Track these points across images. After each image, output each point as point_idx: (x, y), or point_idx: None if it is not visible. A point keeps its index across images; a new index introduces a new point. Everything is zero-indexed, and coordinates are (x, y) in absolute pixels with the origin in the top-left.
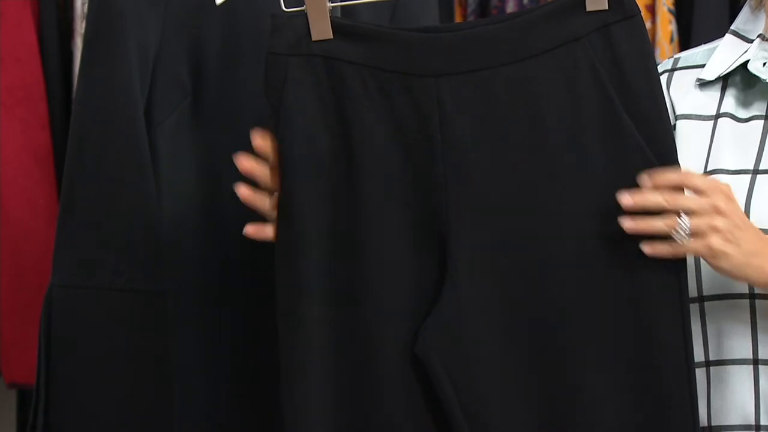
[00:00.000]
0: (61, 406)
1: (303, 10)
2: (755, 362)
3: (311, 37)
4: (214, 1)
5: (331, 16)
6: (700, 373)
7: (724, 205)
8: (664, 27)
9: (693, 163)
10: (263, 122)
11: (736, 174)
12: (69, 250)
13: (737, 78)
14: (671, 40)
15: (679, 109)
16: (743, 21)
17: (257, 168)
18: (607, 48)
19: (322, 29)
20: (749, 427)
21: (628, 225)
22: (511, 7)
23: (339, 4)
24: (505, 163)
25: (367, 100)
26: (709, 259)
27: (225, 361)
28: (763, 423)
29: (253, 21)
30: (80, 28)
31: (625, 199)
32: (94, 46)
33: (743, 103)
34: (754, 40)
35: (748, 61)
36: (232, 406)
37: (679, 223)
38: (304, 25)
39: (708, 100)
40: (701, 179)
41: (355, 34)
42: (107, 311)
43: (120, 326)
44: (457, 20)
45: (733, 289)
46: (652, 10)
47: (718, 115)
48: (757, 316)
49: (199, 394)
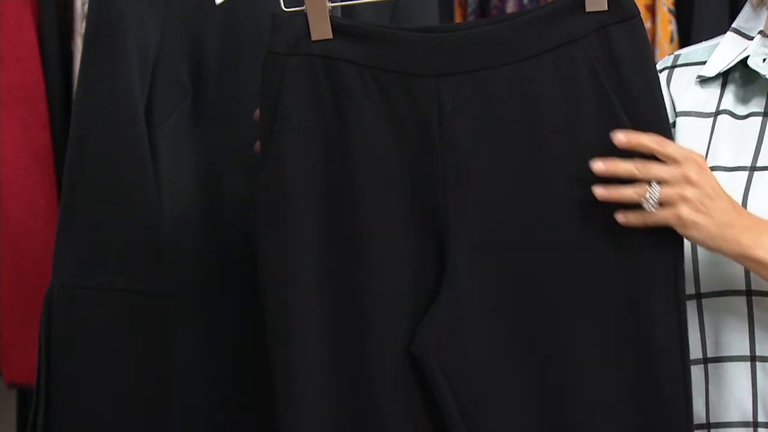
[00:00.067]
0: (62, 406)
1: (303, 10)
2: (752, 359)
3: (311, 37)
4: (214, 1)
5: (330, 16)
6: (698, 370)
7: (695, 175)
8: (664, 27)
9: None
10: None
11: (734, 171)
12: (69, 250)
13: (737, 74)
14: (671, 40)
15: (679, 106)
16: (744, 19)
17: None
18: (606, 49)
19: (321, 29)
20: (747, 423)
21: (599, 192)
22: (511, 7)
23: (339, 4)
24: (504, 163)
25: (367, 100)
26: (680, 229)
27: (225, 361)
28: (761, 420)
29: (253, 21)
30: (80, 28)
31: (597, 165)
32: (94, 46)
33: (742, 100)
34: (755, 36)
35: (748, 57)
36: (232, 406)
37: (649, 192)
38: (303, 24)
39: (708, 97)
40: (675, 148)
41: (354, 34)
42: (107, 311)
43: (120, 326)
44: (457, 20)
45: (730, 285)
46: (652, 10)
47: (717, 112)
48: (754, 312)
49: (199, 394)
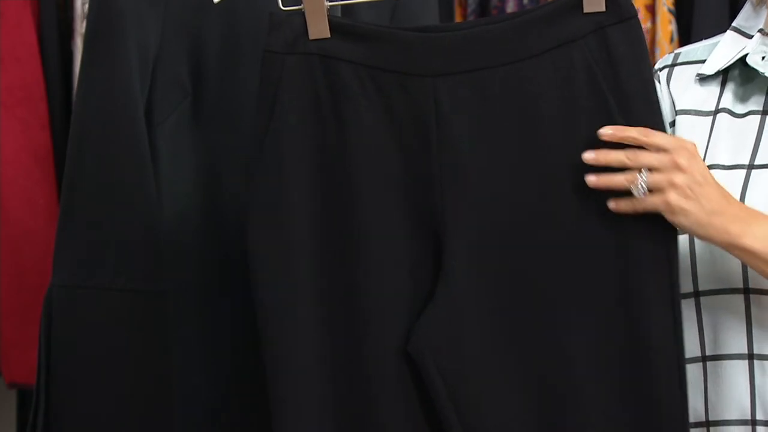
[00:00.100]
0: (62, 406)
1: (300, 9)
2: (750, 357)
3: (308, 36)
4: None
5: (329, 15)
6: (697, 368)
7: (685, 162)
8: (664, 27)
9: None
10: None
11: (732, 169)
12: (69, 250)
13: (736, 73)
14: (671, 40)
15: (679, 104)
16: (744, 18)
17: None
18: (603, 50)
19: (319, 28)
20: (746, 421)
21: (591, 180)
22: (511, 7)
23: (337, 3)
24: (501, 163)
25: (364, 99)
26: (668, 215)
27: (225, 361)
28: (759, 417)
29: (253, 21)
30: (80, 28)
31: (588, 154)
32: (94, 46)
33: (741, 98)
34: (754, 35)
35: (747, 54)
36: (232, 406)
37: (638, 178)
38: (301, 23)
39: (707, 96)
40: (663, 138)
41: (353, 34)
42: (107, 311)
43: (120, 326)
44: (457, 20)
45: (727, 283)
46: (652, 10)
47: (716, 111)
48: (751, 311)
49: (199, 394)
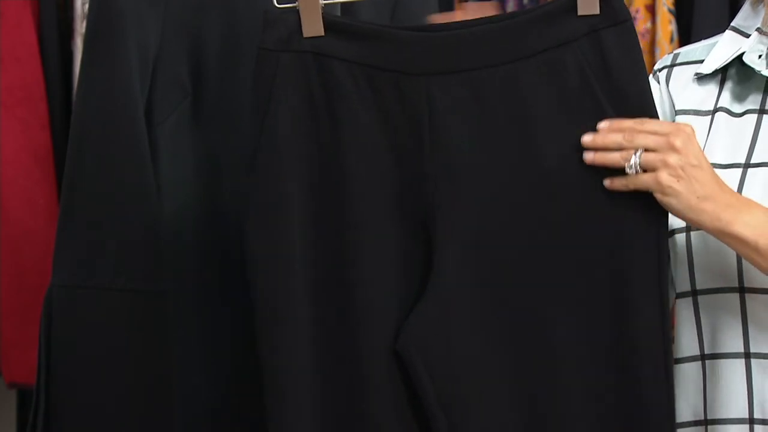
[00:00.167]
0: (62, 406)
1: (296, 7)
2: (746, 356)
3: (303, 34)
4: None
5: (323, 13)
6: (696, 366)
7: (680, 143)
8: (664, 27)
9: None
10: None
11: (728, 168)
12: (69, 250)
13: (734, 71)
14: (671, 40)
15: (678, 104)
16: (743, 17)
17: None
18: (597, 52)
19: (313, 26)
20: (743, 420)
21: (587, 157)
22: (511, 7)
23: (332, 1)
24: (493, 163)
25: (358, 97)
26: (660, 197)
27: (225, 361)
28: (756, 416)
29: (253, 21)
30: (80, 28)
31: (586, 137)
32: (94, 46)
33: (739, 97)
34: (752, 34)
35: (744, 53)
36: (232, 406)
37: (633, 156)
38: (296, 21)
39: (706, 95)
40: (659, 124)
41: (347, 32)
42: (107, 311)
43: (120, 326)
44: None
45: (724, 283)
46: (652, 10)
47: (714, 110)
48: (747, 309)
49: (199, 394)
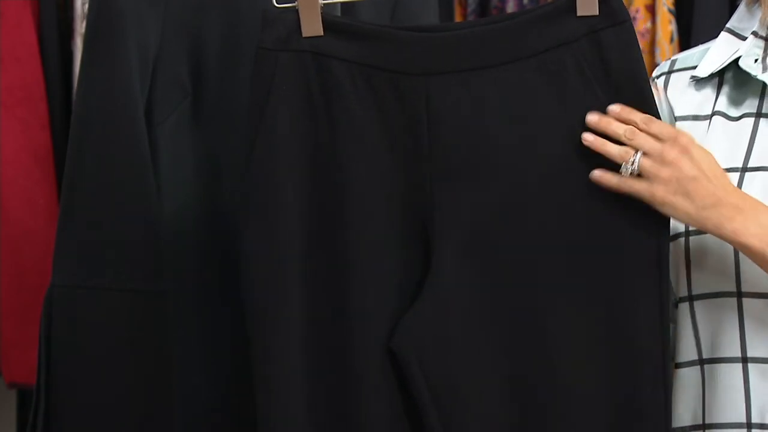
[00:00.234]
0: (62, 406)
1: (295, 6)
2: (744, 360)
3: (302, 33)
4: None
5: (322, 13)
6: (694, 371)
7: (674, 156)
8: (664, 27)
9: None
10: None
11: (726, 172)
12: (69, 250)
13: (730, 75)
14: (671, 40)
15: (677, 111)
16: (738, 19)
17: None
18: (597, 53)
19: (312, 25)
20: (741, 425)
21: (587, 137)
22: (511, 7)
23: (331, 1)
24: (491, 164)
25: (356, 97)
26: (656, 206)
27: (225, 361)
28: (754, 421)
29: (254, 21)
30: (80, 28)
31: (592, 116)
32: (94, 46)
33: (736, 101)
34: (748, 37)
35: (740, 57)
36: (232, 406)
37: (633, 157)
38: (295, 20)
39: (704, 99)
40: (660, 127)
41: (346, 32)
42: (107, 311)
43: (120, 326)
44: (457, 20)
45: (722, 287)
46: (652, 10)
47: (711, 114)
48: (744, 314)
49: (199, 394)
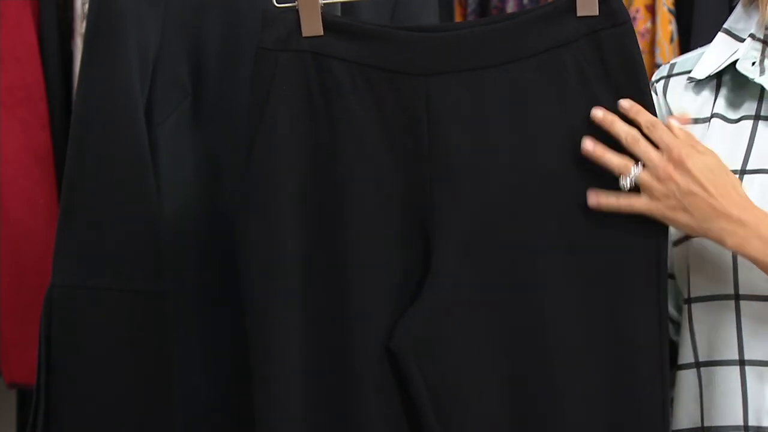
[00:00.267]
0: (62, 406)
1: (295, 6)
2: (741, 363)
3: (301, 33)
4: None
5: (322, 13)
6: (692, 374)
7: (671, 171)
8: (664, 27)
9: None
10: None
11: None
12: (69, 250)
13: (728, 78)
14: (671, 40)
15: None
16: (735, 20)
17: None
18: (596, 54)
19: (312, 25)
20: (738, 428)
21: (588, 144)
22: (511, 7)
23: (331, 1)
24: (492, 164)
25: (356, 97)
26: (659, 218)
27: (225, 361)
28: (751, 423)
29: (254, 21)
30: (80, 28)
31: (597, 111)
32: (94, 46)
33: (734, 104)
34: (746, 39)
35: (738, 60)
36: (232, 406)
37: (632, 170)
38: (295, 20)
39: (703, 102)
40: (664, 134)
41: (346, 32)
42: (107, 311)
43: (120, 326)
44: (457, 20)
45: (719, 290)
46: (652, 10)
47: (711, 117)
48: (741, 316)
49: (199, 394)
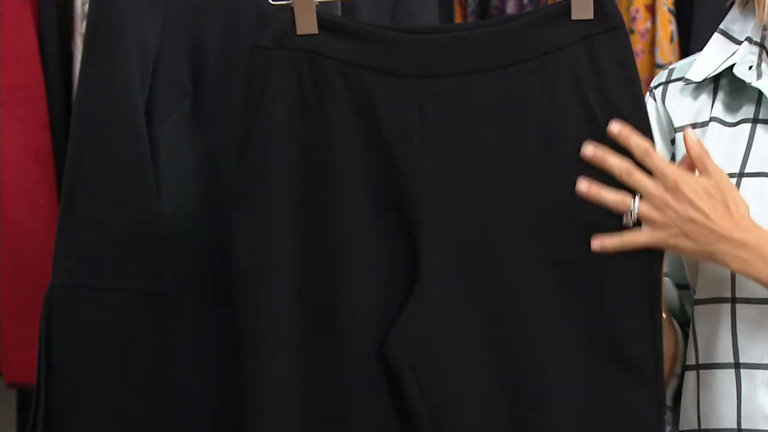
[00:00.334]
0: (62, 406)
1: (290, 4)
2: (736, 366)
3: (296, 31)
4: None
5: (318, 11)
6: (692, 376)
7: (669, 199)
8: (664, 27)
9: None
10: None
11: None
12: (69, 250)
13: (725, 82)
14: (671, 40)
15: (676, 121)
16: (731, 20)
17: None
18: (590, 58)
19: (307, 23)
20: (733, 431)
21: (582, 187)
22: (511, 8)
23: None
24: (481, 167)
25: (348, 97)
26: (663, 248)
27: (225, 361)
28: (744, 427)
29: (254, 21)
30: (80, 28)
31: (588, 148)
32: (94, 46)
33: (731, 107)
34: (742, 42)
35: (735, 64)
36: (232, 406)
37: (631, 205)
38: (290, 18)
39: (701, 106)
40: (660, 161)
41: (341, 31)
42: (107, 311)
43: (120, 326)
44: (457, 20)
45: (718, 293)
46: (652, 10)
47: (709, 120)
48: (737, 320)
49: (199, 394)
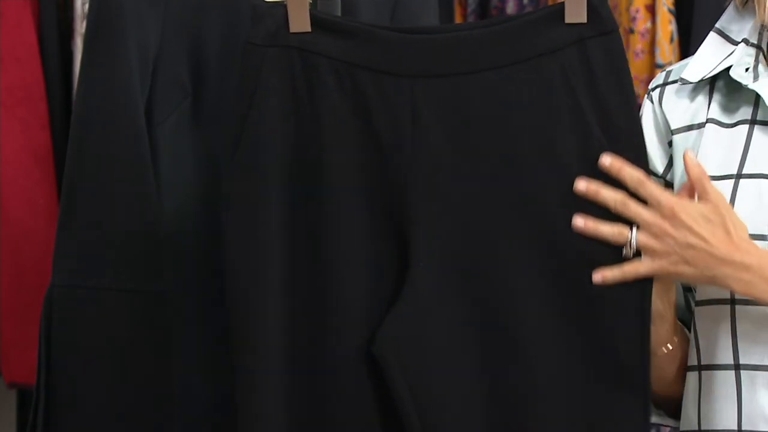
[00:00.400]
0: (62, 406)
1: (283, 1)
2: (736, 367)
3: (289, 29)
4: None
5: (311, 9)
6: (694, 377)
7: (666, 227)
8: (664, 27)
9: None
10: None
11: (720, 180)
12: (69, 250)
13: (722, 83)
14: (671, 40)
15: (673, 123)
16: (728, 20)
17: None
18: (583, 62)
19: (300, 21)
20: None
21: (577, 222)
22: (511, 8)
23: None
24: (472, 167)
25: (340, 96)
26: (665, 277)
27: (225, 361)
28: (745, 428)
29: None
30: (80, 28)
31: (581, 183)
32: (94, 46)
33: (728, 109)
34: (739, 43)
35: (731, 66)
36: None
37: (629, 236)
38: (283, 15)
39: (697, 108)
40: (654, 190)
41: (334, 30)
42: (107, 311)
43: (120, 326)
44: (457, 20)
45: (717, 294)
46: (652, 10)
47: (706, 122)
48: (736, 321)
49: (199, 394)
